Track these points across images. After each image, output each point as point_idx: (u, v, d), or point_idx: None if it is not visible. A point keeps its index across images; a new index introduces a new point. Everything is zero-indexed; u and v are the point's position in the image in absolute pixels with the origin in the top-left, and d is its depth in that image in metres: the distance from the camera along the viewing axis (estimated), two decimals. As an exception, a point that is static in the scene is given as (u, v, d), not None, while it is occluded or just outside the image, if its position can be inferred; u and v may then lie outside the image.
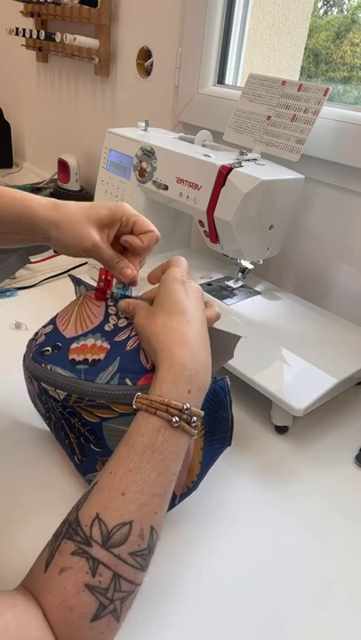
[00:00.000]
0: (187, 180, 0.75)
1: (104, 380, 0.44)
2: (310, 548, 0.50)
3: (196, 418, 0.39)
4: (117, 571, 0.34)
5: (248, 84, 0.81)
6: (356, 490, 0.57)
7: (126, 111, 1.21)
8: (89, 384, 0.44)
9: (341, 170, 0.78)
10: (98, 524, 0.35)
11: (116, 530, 0.35)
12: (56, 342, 0.48)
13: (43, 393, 0.47)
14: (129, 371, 0.44)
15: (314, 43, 1.45)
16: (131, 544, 0.35)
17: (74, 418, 0.46)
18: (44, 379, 0.46)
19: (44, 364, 0.47)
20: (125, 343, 0.46)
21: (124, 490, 0.36)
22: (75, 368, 0.45)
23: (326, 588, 0.47)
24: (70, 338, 0.48)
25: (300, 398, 0.59)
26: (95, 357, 0.46)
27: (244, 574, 0.47)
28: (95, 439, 0.46)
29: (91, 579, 0.33)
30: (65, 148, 1.40)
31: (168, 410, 0.38)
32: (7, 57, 1.62)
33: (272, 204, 0.71)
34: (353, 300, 0.83)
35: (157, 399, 0.38)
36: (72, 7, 1.16)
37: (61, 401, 0.45)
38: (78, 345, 0.47)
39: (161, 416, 0.38)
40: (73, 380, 0.45)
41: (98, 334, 0.47)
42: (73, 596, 0.33)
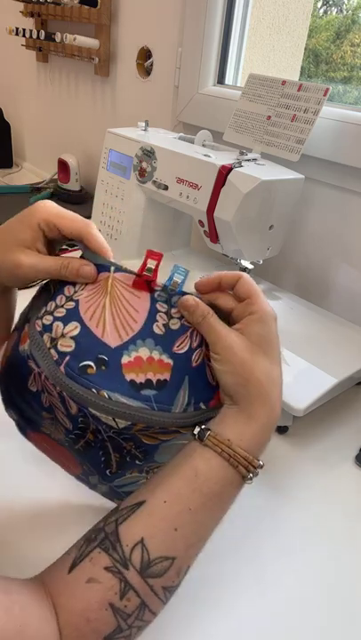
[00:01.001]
0: (187, 180, 0.75)
1: (180, 408, 0.37)
2: (310, 547, 0.50)
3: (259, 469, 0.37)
4: (146, 601, 0.33)
5: (248, 84, 0.81)
6: (356, 490, 0.57)
7: (126, 111, 1.21)
8: (164, 414, 0.36)
9: (341, 170, 0.78)
10: (140, 550, 0.34)
11: (157, 562, 0.34)
12: (98, 355, 0.36)
13: (81, 416, 0.37)
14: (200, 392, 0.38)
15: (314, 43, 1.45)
16: (167, 579, 0.34)
17: (128, 442, 0.38)
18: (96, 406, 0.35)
19: (95, 390, 0.35)
20: (189, 359, 0.38)
21: (178, 526, 0.35)
22: (140, 395, 0.36)
23: (326, 587, 0.47)
24: (117, 347, 0.36)
25: (300, 398, 0.59)
26: (159, 377, 0.37)
27: (243, 573, 0.47)
28: (144, 455, 0.39)
29: (118, 600, 0.32)
30: (65, 148, 1.40)
31: (248, 468, 0.36)
32: (7, 57, 1.62)
33: (272, 204, 0.71)
34: (353, 300, 0.83)
35: (243, 454, 0.36)
36: (72, 7, 1.16)
37: (120, 429, 0.36)
38: (131, 358, 0.36)
39: (240, 472, 0.36)
40: (142, 410, 0.36)
41: (149, 340, 0.37)
42: (95, 610, 0.32)
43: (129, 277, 0.39)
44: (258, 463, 0.37)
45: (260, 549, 0.49)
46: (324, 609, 0.45)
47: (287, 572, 0.48)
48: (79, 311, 0.38)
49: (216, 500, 0.36)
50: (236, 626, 0.43)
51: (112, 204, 0.90)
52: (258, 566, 0.48)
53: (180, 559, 0.35)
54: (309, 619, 0.44)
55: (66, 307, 0.38)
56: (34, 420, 0.41)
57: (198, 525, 0.35)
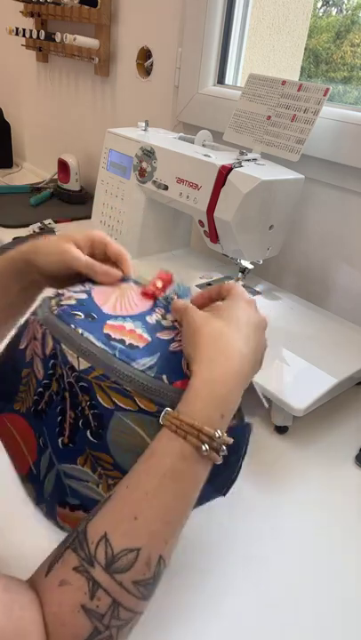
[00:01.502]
0: (187, 180, 0.75)
1: (140, 367, 0.39)
2: (310, 547, 0.50)
3: (226, 447, 0.36)
4: (117, 598, 0.32)
5: (248, 84, 0.81)
6: (356, 490, 0.57)
7: (126, 111, 1.21)
8: (122, 364, 0.38)
9: (341, 170, 0.78)
10: (104, 545, 0.33)
11: (121, 555, 0.33)
12: (90, 312, 0.42)
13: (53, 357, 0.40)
14: (168, 369, 0.40)
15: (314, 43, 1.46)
16: (135, 572, 0.33)
17: (84, 395, 0.39)
18: (68, 340, 0.39)
19: (73, 326, 0.40)
20: (169, 344, 0.42)
21: (138, 513, 0.34)
22: (110, 343, 0.40)
23: (326, 587, 0.47)
24: (107, 314, 0.42)
25: (300, 398, 0.59)
26: (133, 343, 0.40)
27: (243, 573, 0.47)
28: (96, 427, 0.40)
29: (88, 601, 0.32)
30: (65, 148, 1.40)
31: (199, 436, 0.35)
32: (7, 57, 1.62)
33: (272, 204, 0.71)
34: (353, 300, 0.83)
35: (189, 421, 0.35)
36: (72, 7, 1.16)
37: (80, 371, 0.39)
38: (115, 323, 0.41)
39: (190, 441, 0.35)
40: (104, 354, 0.39)
41: (138, 322, 0.42)
42: (68, 613, 0.32)
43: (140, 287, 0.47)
44: (211, 431, 0.35)
45: (259, 549, 0.49)
46: (325, 608, 0.45)
47: (287, 571, 0.48)
48: (91, 291, 0.45)
49: (171, 478, 0.34)
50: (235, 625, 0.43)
51: (112, 204, 0.90)
52: (258, 566, 0.48)
53: (146, 549, 0.33)
54: (309, 618, 0.44)
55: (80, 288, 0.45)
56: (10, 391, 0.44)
57: (158, 509, 0.34)
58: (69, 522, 0.43)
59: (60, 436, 0.41)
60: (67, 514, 0.43)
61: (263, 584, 0.46)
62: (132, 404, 0.39)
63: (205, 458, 0.35)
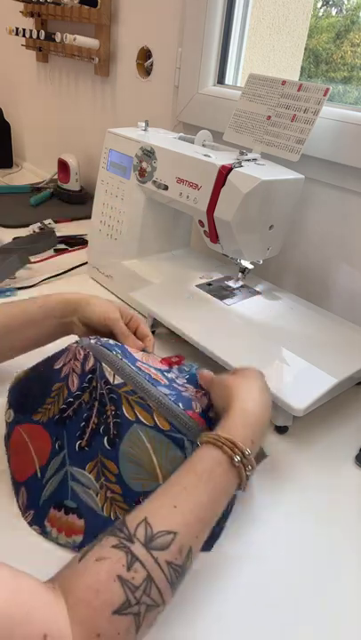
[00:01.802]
0: (187, 180, 0.75)
1: (162, 393, 0.48)
2: (311, 547, 0.50)
3: (251, 469, 0.42)
4: (152, 573, 0.35)
5: (248, 84, 0.81)
6: (356, 490, 0.57)
7: (126, 111, 1.21)
8: (149, 386, 0.48)
9: (341, 170, 0.78)
10: (144, 526, 0.36)
11: (160, 535, 0.36)
12: (125, 352, 0.52)
13: (91, 372, 0.49)
14: (182, 401, 0.49)
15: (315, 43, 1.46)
16: (170, 553, 0.36)
17: (111, 405, 0.47)
18: (108, 360, 0.49)
19: (113, 352, 0.50)
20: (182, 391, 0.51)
21: (177, 503, 0.39)
22: (138, 368, 0.50)
23: (326, 587, 0.47)
24: (137, 358, 0.53)
25: (300, 398, 0.59)
26: (157, 379, 0.50)
27: (243, 573, 0.47)
28: (114, 436, 0.47)
29: (125, 572, 0.34)
30: (65, 148, 1.41)
31: (233, 449, 0.42)
32: (7, 57, 1.62)
33: (272, 204, 0.71)
34: (353, 300, 0.83)
35: (226, 436, 0.42)
36: (72, 7, 1.16)
37: (113, 385, 0.48)
38: (142, 365, 0.51)
39: (226, 452, 0.42)
40: (137, 375, 0.48)
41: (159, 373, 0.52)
42: (104, 581, 0.33)
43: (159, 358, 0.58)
44: (243, 447, 0.42)
45: (259, 549, 0.49)
46: (324, 608, 0.45)
47: (287, 571, 0.48)
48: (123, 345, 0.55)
49: (207, 479, 0.40)
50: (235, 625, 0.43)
51: (112, 204, 0.90)
52: (257, 566, 0.48)
53: (181, 535, 0.37)
54: (309, 619, 0.44)
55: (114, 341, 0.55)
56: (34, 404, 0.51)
57: (194, 504, 0.39)
58: (58, 526, 0.46)
59: (79, 440, 0.48)
60: (59, 517, 0.46)
61: (263, 584, 0.46)
62: (150, 418, 0.46)
63: (235, 471, 0.42)
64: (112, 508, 0.46)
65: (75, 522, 0.46)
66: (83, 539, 0.46)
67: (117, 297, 0.92)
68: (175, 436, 0.46)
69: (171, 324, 0.72)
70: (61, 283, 0.95)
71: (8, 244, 1.02)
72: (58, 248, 1.06)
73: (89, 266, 0.98)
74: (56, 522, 0.46)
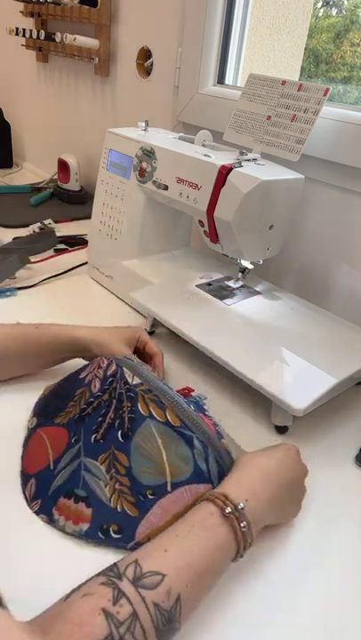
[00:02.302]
0: (187, 180, 0.75)
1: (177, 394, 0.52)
2: (310, 548, 0.50)
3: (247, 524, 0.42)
4: (137, 610, 0.34)
5: (248, 84, 0.81)
6: (356, 490, 0.57)
7: (126, 111, 1.21)
8: (163, 385, 0.52)
9: (341, 170, 0.78)
10: (134, 566, 0.37)
11: (149, 575, 0.36)
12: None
13: (112, 376, 0.53)
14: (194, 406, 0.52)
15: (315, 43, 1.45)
16: (158, 594, 0.36)
17: (128, 402, 0.50)
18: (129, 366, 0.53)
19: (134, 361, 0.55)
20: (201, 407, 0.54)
21: (168, 547, 0.39)
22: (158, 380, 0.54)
23: (326, 588, 0.47)
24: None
25: (300, 398, 0.59)
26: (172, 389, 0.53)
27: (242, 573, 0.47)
28: (127, 430, 0.49)
29: (111, 606, 0.33)
30: (65, 148, 1.41)
31: (225, 501, 0.42)
32: (7, 57, 1.62)
33: (272, 204, 0.71)
34: (353, 300, 0.83)
35: (219, 490, 0.44)
36: (72, 7, 1.16)
37: (131, 385, 0.51)
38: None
39: (217, 504, 0.42)
40: (155, 377, 0.52)
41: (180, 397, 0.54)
42: (88, 614, 0.33)
43: None
44: (236, 500, 0.43)
45: (258, 549, 0.49)
46: (324, 609, 0.45)
47: (286, 572, 0.48)
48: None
49: (198, 528, 0.41)
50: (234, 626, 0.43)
51: (112, 204, 0.90)
52: (256, 566, 0.48)
53: (170, 578, 0.37)
54: (308, 619, 0.44)
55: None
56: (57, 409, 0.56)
57: (184, 552, 0.39)
58: (66, 514, 0.48)
59: (95, 433, 0.50)
60: (68, 505, 0.48)
61: (262, 585, 0.46)
62: (162, 414, 0.49)
63: (228, 523, 0.42)
64: (119, 499, 0.47)
65: (83, 510, 0.47)
66: (89, 527, 0.47)
67: (117, 297, 0.92)
68: (185, 433, 0.48)
69: (171, 324, 0.72)
70: (61, 283, 0.95)
71: (8, 243, 1.02)
72: (58, 248, 1.06)
73: (89, 266, 0.98)
74: (65, 510, 0.48)
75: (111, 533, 0.46)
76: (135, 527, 0.46)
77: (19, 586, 0.43)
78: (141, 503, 0.47)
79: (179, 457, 0.48)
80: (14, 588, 0.40)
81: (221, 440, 0.51)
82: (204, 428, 0.49)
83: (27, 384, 0.65)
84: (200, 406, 0.55)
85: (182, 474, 0.48)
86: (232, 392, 0.70)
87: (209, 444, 0.49)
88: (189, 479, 0.47)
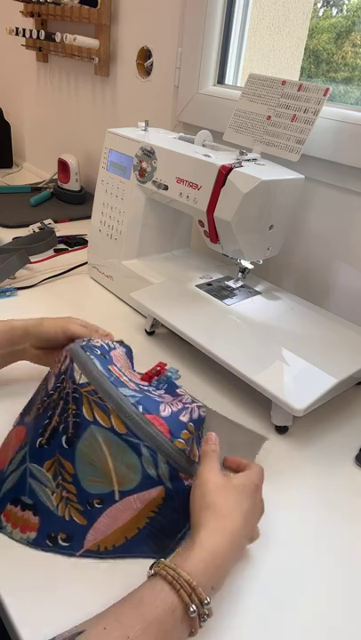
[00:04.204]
0: (187, 180, 0.75)
1: (124, 393, 0.47)
2: (310, 548, 0.50)
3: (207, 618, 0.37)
4: None
5: (248, 84, 0.81)
6: (356, 490, 0.57)
7: (126, 111, 1.21)
8: (111, 385, 0.47)
9: (341, 170, 0.78)
10: None
11: None
12: (104, 354, 0.52)
13: (64, 373, 0.49)
14: (146, 405, 0.47)
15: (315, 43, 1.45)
16: None
17: (73, 404, 0.47)
18: (80, 361, 0.49)
19: (88, 353, 0.50)
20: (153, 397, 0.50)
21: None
22: (108, 370, 0.49)
23: (326, 588, 0.47)
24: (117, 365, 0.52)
25: (300, 398, 0.59)
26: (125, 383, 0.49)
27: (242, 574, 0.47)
28: (72, 435, 0.46)
29: None
30: (65, 148, 1.41)
31: (191, 595, 0.36)
32: (7, 57, 1.62)
33: (272, 204, 0.71)
34: (353, 300, 0.83)
35: (186, 577, 0.36)
36: (72, 7, 1.16)
37: (78, 384, 0.47)
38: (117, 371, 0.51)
39: (182, 597, 0.35)
40: (102, 375, 0.48)
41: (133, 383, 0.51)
42: None
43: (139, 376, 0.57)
44: (203, 595, 0.36)
45: (258, 549, 0.49)
46: (325, 609, 0.45)
47: (287, 572, 0.48)
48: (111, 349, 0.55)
49: (157, 628, 0.34)
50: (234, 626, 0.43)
51: (112, 204, 0.90)
52: (256, 566, 0.48)
53: None
54: (310, 619, 0.44)
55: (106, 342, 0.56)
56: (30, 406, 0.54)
57: None
58: (13, 521, 0.47)
59: (40, 437, 0.48)
60: (14, 512, 0.47)
61: (262, 585, 0.46)
62: (107, 420, 0.45)
63: (188, 620, 0.36)
64: (67, 508, 0.46)
65: (30, 518, 0.46)
66: (36, 536, 0.46)
67: (117, 297, 0.92)
68: (131, 441, 0.45)
69: (171, 324, 0.72)
70: (61, 283, 0.95)
71: (8, 243, 1.02)
72: (58, 248, 1.06)
73: (89, 266, 0.98)
74: (12, 517, 0.47)
75: (59, 541, 0.45)
76: (84, 535, 0.45)
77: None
78: (89, 512, 0.45)
79: (125, 465, 0.45)
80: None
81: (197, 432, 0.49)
82: (151, 432, 0.45)
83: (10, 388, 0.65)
84: (172, 383, 0.54)
85: (130, 482, 0.45)
86: (232, 392, 0.70)
87: (158, 449, 0.45)
88: (138, 487, 0.45)
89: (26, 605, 0.42)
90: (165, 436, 0.46)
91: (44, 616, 0.41)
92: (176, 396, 0.52)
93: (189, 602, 0.35)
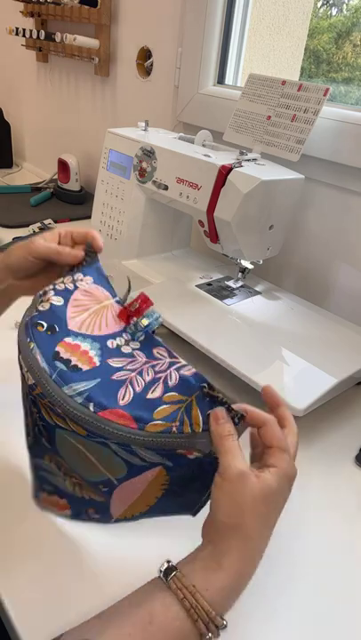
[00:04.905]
0: (187, 180, 0.75)
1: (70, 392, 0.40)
2: (310, 548, 0.50)
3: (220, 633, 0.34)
4: None
5: (248, 84, 0.81)
6: (356, 490, 0.57)
7: (126, 111, 1.21)
8: (55, 387, 0.40)
9: (341, 170, 0.78)
10: None
11: None
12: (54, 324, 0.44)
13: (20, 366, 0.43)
14: (98, 398, 0.40)
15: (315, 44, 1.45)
16: None
17: (34, 407, 0.42)
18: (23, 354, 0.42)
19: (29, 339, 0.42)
20: (114, 372, 0.42)
21: None
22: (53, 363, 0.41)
23: (327, 588, 0.47)
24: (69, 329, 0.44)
25: (300, 398, 0.59)
26: (78, 365, 0.42)
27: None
28: (47, 437, 0.43)
29: None
30: (65, 148, 1.40)
31: (209, 625, 0.33)
32: (7, 57, 1.62)
33: (272, 204, 0.71)
34: (353, 300, 0.83)
35: (206, 608, 0.33)
36: (72, 7, 1.16)
37: (29, 386, 0.41)
38: (71, 342, 0.43)
39: (199, 627, 0.33)
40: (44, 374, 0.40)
41: (96, 344, 0.44)
42: None
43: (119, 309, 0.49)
44: (221, 622, 0.34)
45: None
46: (325, 609, 0.45)
47: (287, 572, 0.48)
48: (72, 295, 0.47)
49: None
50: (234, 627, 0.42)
51: (112, 204, 0.90)
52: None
53: None
54: (309, 619, 0.44)
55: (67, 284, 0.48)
56: None
57: None
58: (49, 503, 0.48)
59: (28, 435, 0.45)
60: (45, 497, 0.48)
61: (262, 585, 0.46)
62: (65, 424, 0.40)
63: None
64: (82, 490, 0.46)
65: (59, 500, 0.47)
66: (71, 513, 0.47)
67: (117, 297, 0.92)
68: (98, 440, 0.41)
69: (171, 324, 0.72)
70: (61, 283, 0.95)
71: (8, 243, 1.02)
72: (58, 248, 1.05)
73: (89, 266, 0.98)
74: (47, 501, 0.48)
75: (91, 515, 0.47)
76: (108, 509, 0.46)
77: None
78: (101, 493, 0.44)
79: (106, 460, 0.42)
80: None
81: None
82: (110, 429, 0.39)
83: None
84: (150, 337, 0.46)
85: (120, 471, 0.42)
86: (232, 392, 0.70)
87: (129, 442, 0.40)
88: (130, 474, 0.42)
89: (26, 605, 0.42)
90: (131, 427, 0.40)
91: (44, 616, 0.41)
92: (151, 357, 0.45)
93: (206, 632, 0.33)
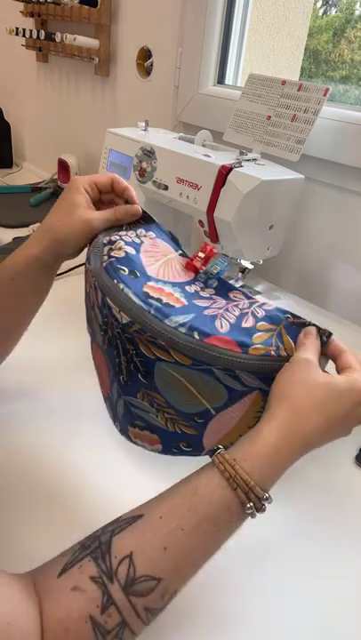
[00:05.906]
0: (187, 180, 0.75)
1: (172, 324, 0.41)
2: (310, 547, 0.50)
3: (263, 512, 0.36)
4: (127, 619, 0.33)
5: (248, 84, 0.81)
6: (356, 490, 0.57)
7: (126, 111, 1.21)
8: (156, 321, 0.41)
9: (341, 170, 0.78)
10: (127, 564, 0.33)
11: (142, 580, 0.33)
12: (135, 269, 0.45)
13: (104, 307, 0.44)
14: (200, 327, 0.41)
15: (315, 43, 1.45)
16: (150, 600, 0.33)
17: (130, 344, 0.43)
18: (112, 296, 0.43)
19: (116, 281, 0.43)
20: (203, 309, 0.44)
21: (168, 546, 0.34)
22: (147, 301, 0.42)
23: (326, 588, 0.47)
24: (150, 275, 0.45)
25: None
26: (170, 302, 0.43)
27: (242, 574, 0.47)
28: (145, 372, 0.43)
29: (99, 614, 0.32)
30: (65, 148, 1.41)
31: (248, 494, 0.35)
32: (7, 57, 1.62)
33: (272, 204, 0.71)
34: (353, 300, 0.83)
35: (244, 477, 0.35)
36: (72, 7, 1.16)
37: (122, 325, 0.42)
38: (156, 285, 0.44)
39: (239, 496, 0.35)
40: (141, 310, 0.41)
41: (177, 288, 0.45)
42: (75, 620, 0.32)
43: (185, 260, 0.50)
44: (262, 493, 0.35)
45: (258, 549, 0.49)
46: (325, 609, 0.45)
47: (287, 572, 0.48)
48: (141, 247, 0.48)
49: (210, 524, 0.35)
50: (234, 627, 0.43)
51: (112, 204, 0.90)
52: (257, 567, 0.48)
53: (166, 581, 0.34)
54: (309, 619, 0.44)
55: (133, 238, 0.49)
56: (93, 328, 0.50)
57: (189, 549, 0.34)
58: (140, 438, 0.49)
59: (121, 374, 0.46)
60: (137, 432, 0.49)
61: (263, 585, 0.46)
62: (168, 355, 0.41)
63: (245, 515, 0.36)
64: (175, 425, 0.46)
65: (150, 435, 0.48)
66: (162, 447, 0.48)
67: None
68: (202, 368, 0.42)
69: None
70: (61, 283, 0.95)
71: (8, 243, 1.02)
72: (58, 248, 1.06)
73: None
74: (137, 435, 0.49)
75: (183, 448, 0.47)
76: (201, 441, 0.46)
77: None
78: (195, 425, 0.45)
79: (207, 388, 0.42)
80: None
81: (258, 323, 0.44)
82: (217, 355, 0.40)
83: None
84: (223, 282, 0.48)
85: (220, 399, 0.43)
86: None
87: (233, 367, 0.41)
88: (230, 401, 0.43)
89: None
90: (236, 351, 0.41)
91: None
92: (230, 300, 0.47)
93: (246, 500, 0.35)
